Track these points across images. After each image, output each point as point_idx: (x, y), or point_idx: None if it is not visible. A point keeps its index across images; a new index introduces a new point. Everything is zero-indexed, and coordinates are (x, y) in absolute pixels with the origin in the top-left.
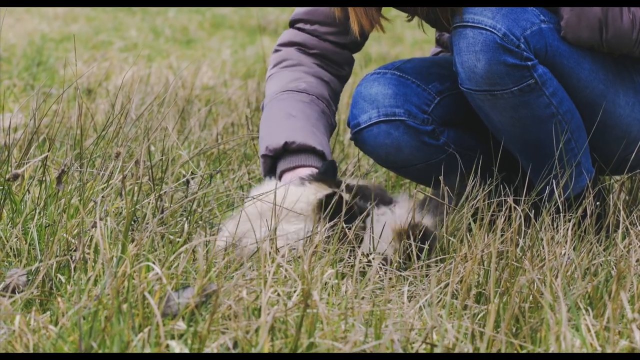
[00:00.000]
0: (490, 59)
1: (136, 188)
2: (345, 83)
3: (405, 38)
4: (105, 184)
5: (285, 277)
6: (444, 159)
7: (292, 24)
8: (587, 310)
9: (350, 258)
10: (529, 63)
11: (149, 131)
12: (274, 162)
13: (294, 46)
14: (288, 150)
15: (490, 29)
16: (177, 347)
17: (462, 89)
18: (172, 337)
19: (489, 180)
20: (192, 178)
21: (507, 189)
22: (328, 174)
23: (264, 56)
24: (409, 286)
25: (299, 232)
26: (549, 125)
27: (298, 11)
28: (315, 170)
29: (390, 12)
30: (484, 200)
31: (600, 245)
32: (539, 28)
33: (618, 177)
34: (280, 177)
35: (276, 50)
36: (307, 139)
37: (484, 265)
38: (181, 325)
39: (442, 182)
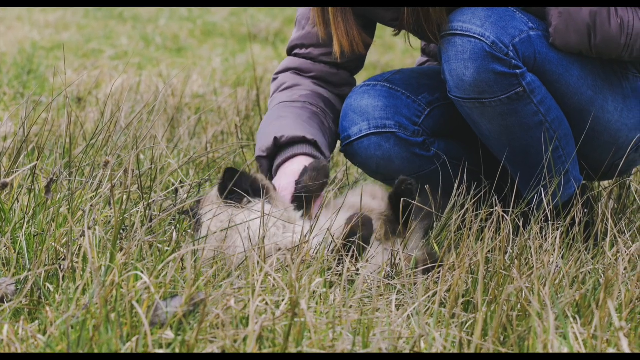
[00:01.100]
0: (479, 67)
1: (125, 197)
2: (341, 105)
3: (396, 46)
4: (94, 193)
5: (274, 286)
6: (435, 170)
7: (289, 52)
8: (574, 318)
9: (338, 267)
10: (518, 71)
11: (138, 140)
12: (270, 163)
13: (289, 71)
14: (279, 145)
15: (479, 37)
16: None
17: (451, 97)
18: (160, 346)
19: (478, 189)
20: (181, 187)
21: (497, 197)
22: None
23: (255, 64)
24: (397, 295)
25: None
26: (537, 133)
27: (292, 39)
28: (308, 159)
29: (381, 30)
30: (472, 210)
31: (588, 254)
32: (527, 36)
33: (606, 185)
34: (275, 172)
35: (274, 79)
36: (296, 131)
37: (472, 274)
38: (169, 334)
39: (428, 191)
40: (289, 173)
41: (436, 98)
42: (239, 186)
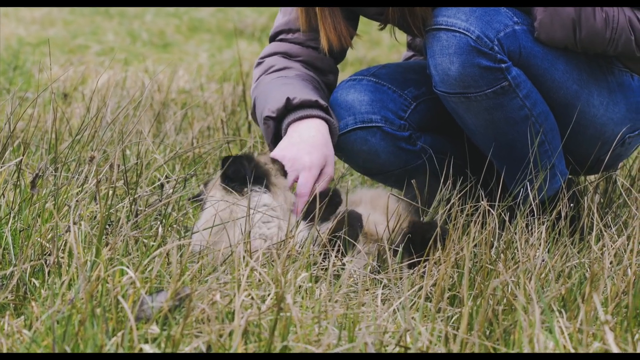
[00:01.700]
0: (464, 62)
1: (111, 192)
2: (331, 93)
3: (383, 41)
4: (80, 188)
5: (259, 280)
6: (421, 164)
7: (273, 38)
8: (560, 312)
9: (324, 261)
10: (503, 65)
11: (124, 135)
12: (277, 125)
13: (276, 55)
14: (291, 107)
15: (464, 32)
16: (150, 351)
17: (436, 91)
18: (146, 341)
19: (464, 184)
20: (167, 182)
21: (483, 192)
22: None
23: (241, 60)
24: (382, 289)
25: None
26: (523, 128)
27: (277, 24)
28: (322, 122)
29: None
30: (458, 205)
31: (574, 248)
32: (512, 30)
33: (592, 179)
34: (286, 131)
35: (259, 64)
36: (309, 95)
37: (458, 268)
38: (155, 329)
39: (414, 185)
40: (304, 140)
41: (422, 92)
42: (239, 173)
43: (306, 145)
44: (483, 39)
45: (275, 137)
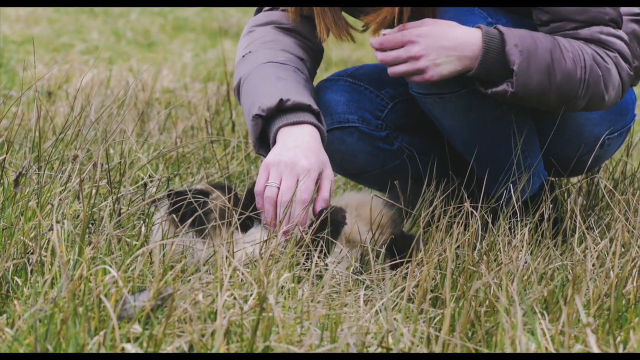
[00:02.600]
0: None
1: (94, 191)
2: (319, 63)
3: (367, 42)
4: (63, 187)
5: (242, 280)
6: (399, 164)
7: (262, 7)
8: (542, 314)
9: (306, 262)
10: None
11: (108, 134)
12: (265, 123)
13: (269, 25)
14: (283, 108)
15: None
16: (132, 350)
17: (412, 93)
18: (128, 340)
19: (445, 185)
20: (150, 181)
21: (466, 193)
22: None
23: (225, 59)
24: (365, 290)
25: None
26: (499, 128)
27: None
28: (314, 130)
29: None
30: (441, 206)
31: (556, 250)
32: None
33: (575, 181)
34: (276, 133)
35: (250, 32)
36: (302, 98)
37: (440, 270)
38: (137, 328)
39: (397, 186)
40: (298, 144)
41: (399, 92)
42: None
43: (303, 150)
44: None
45: (261, 135)
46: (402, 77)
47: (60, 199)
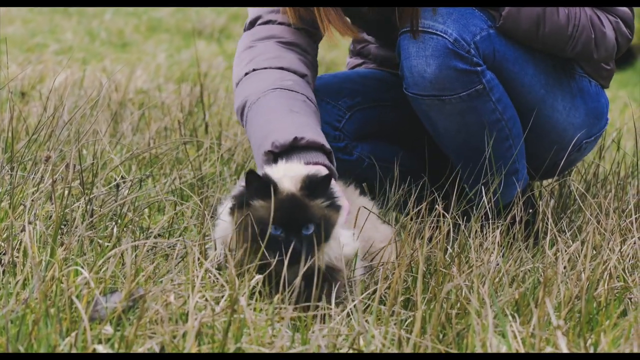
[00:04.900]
0: (441, 64)
1: (66, 192)
2: (317, 74)
3: (341, 44)
4: (36, 188)
5: (214, 282)
6: (361, 174)
7: (256, 21)
8: (513, 316)
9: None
10: (479, 69)
11: (81, 135)
12: (276, 159)
13: (270, 39)
14: (297, 146)
15: (442, 34)
16: (104, 351)
17: (407, 94)
18: (99, 342)
19: (417, 188)
20: (123, 182)
21: (437, 195)
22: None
23: (199, 60)
24: (336, 292)
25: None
26: (493, 131)
27: (261, 9)
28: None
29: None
30: (413, 208)
31: (528, 252)
32: (487, 33)
33: (547, 184)
34: None
35: (250, 47)
36: (316, 137)
37: (412, 272)
38: (108, 329)
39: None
40: None
41: (357, 102)
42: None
43: None
44: (460, 42)
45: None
46: (362, 85)
47: (32, 200)
